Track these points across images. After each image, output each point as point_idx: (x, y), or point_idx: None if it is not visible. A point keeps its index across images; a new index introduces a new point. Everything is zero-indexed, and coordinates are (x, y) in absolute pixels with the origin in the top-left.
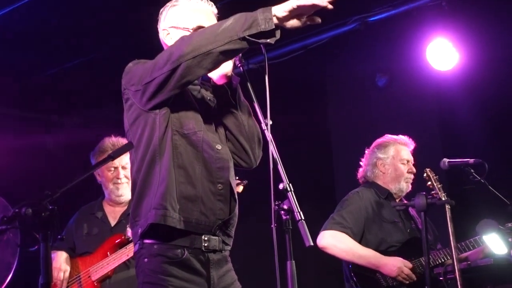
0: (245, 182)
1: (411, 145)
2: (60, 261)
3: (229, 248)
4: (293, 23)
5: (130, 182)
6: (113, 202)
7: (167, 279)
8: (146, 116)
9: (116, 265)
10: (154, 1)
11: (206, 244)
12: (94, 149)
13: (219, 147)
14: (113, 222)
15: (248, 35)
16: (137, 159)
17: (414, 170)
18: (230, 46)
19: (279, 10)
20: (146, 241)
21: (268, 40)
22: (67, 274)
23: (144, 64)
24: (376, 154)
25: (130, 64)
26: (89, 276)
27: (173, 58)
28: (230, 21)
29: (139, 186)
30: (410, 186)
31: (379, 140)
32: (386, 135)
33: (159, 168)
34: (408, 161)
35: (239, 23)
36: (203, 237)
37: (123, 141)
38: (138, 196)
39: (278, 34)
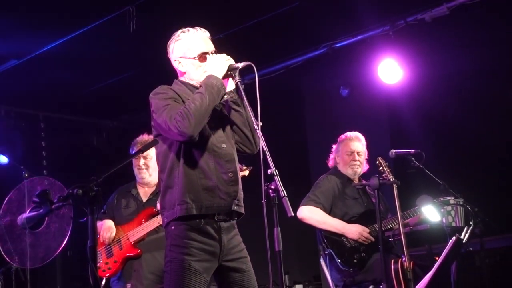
0: (251, 167)
1: (362, 138)
2: (108, 224)
3: (242, 210)
4: None
5: (150, 169)
6: (140, 183)
7: (189, 242)
8: None
9: (149, 230)
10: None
11: (218, 216)
12: (135, 141)
13: (224, 145)
14: (144, 199)
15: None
16: (159, 163)
17: (357, 158)
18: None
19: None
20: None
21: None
22: (113, 234)
23: (164, 111)
24: (335, 149)
25: (152, 96)
26: (128, 239)
27: (185, 136)
28: (207, 97)
29: (164, 186)
30: (357, 171)
31: (340, 137)
32: (346, 133)
33: (177, 173)
34: (352, 152)
35: (214, 96)
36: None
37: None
38: (163, 192)
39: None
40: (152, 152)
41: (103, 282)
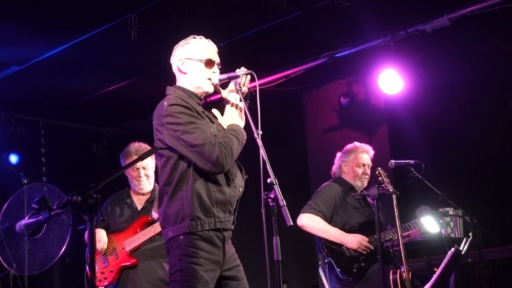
0: (247, 176)
1: (371, 151)
2: (100, 235)
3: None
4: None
5: (149, 178)
6: (137, 193)
7: (199, 252)
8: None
9: (145, 239)
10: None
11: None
12: (123, 151)
13: None
14: (139, 207)
15: None
16: (164, 176)
17: (368, 172)
18: None
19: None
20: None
21: None
22: (105, 246)
23: (196, 130)
24: (342, 157)
25: (171, 109)
26: (123, 248)
27: (218, 169)
28: (239, 142)
29: (167, 198)
30: (365, 184)
31: (347, 146)
32: (354, 142)
33: (186, 186)
34: (363, 165)
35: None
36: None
37: (145, 146)
38: (166, 205)
39: None
40: (148, 161)
41: None
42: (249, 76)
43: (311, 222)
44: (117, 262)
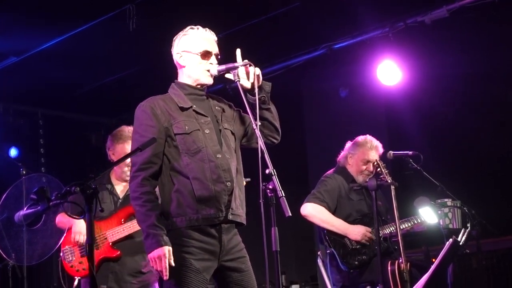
0: (248, 179)
1: (380, 149)
2: (80, 226)
3: (238, 219)
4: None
5: None
6: (122, 179)
7: (189, 240)
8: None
9: (131, 232)
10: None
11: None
12: (114, 132)
13: (219, 155)
14: (121, 195)
15: None
16: None
17: (371, 169)
18: None
19: None
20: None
21: None
22: (85, 237)
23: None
24: (350, 148)
25: (137, 110)
26: (106, 238)
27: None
28: (143, 227)
29: (159, 195)
30: (366, 179)
31: (358, 138)
32: (367, 135)
33: (169, 184)
34: (368, 162)
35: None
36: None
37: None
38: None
39: None
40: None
41: (75, 282)
42: (255, 69)
43: (315, 212)
44: (98, 252)
